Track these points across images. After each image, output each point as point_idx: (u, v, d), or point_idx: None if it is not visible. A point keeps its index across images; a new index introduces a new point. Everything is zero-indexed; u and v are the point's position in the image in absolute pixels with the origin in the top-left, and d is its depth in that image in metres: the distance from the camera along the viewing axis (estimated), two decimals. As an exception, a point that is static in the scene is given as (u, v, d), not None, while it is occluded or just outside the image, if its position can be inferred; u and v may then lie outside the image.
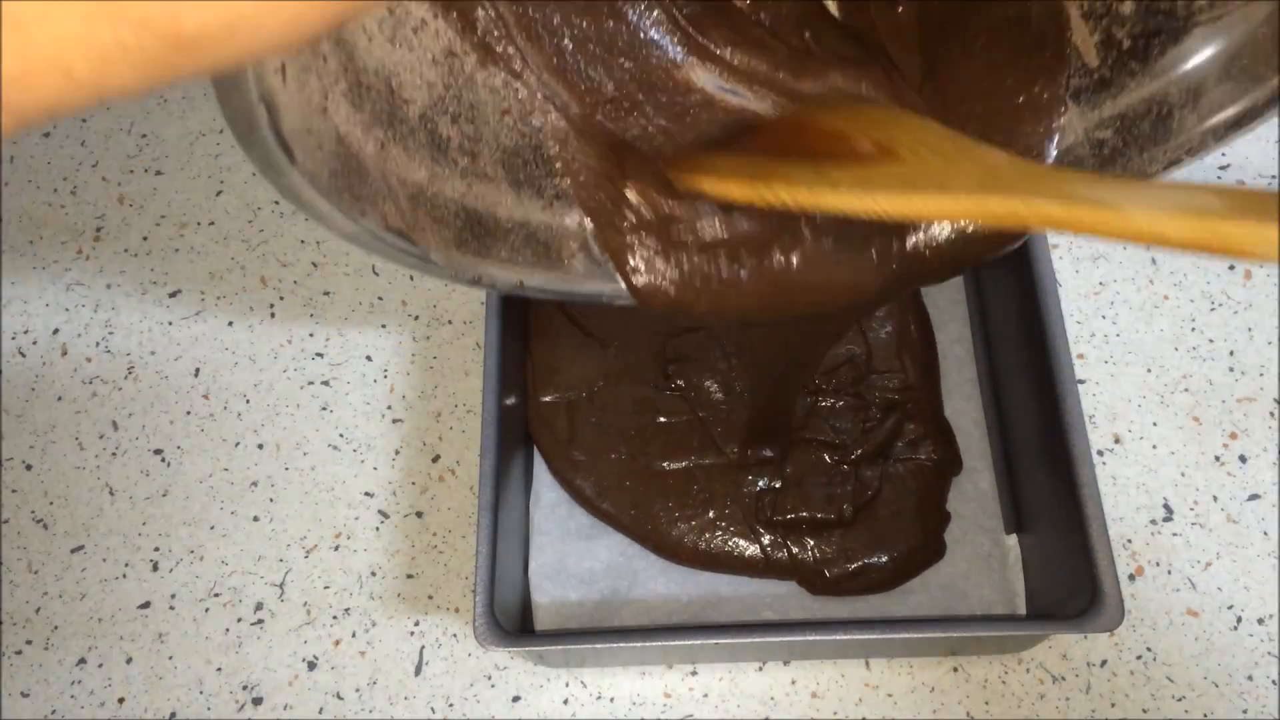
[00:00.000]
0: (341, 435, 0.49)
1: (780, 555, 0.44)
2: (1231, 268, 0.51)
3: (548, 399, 0.47)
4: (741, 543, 0.44)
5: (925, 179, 0.25)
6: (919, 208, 0.24)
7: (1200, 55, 0.29)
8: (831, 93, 0.33)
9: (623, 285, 0.32)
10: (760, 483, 0.45)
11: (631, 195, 0.32)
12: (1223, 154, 0.53)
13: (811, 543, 0.44)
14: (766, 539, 0.44)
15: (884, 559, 0.44)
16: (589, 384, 0.47)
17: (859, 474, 0.45)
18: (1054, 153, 0.31)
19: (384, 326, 0.51)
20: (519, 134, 0.31)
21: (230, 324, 0.52)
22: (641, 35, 0.32)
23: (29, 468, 0.49)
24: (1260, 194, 0.19)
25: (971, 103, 0.32)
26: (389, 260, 0.28)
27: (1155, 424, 0.48)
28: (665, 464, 0.46)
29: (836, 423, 0.47)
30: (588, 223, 0.31)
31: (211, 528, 0.47)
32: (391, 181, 0.28)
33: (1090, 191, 0.21)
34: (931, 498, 0.45)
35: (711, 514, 0.45)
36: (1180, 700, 0.42)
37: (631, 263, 0.31)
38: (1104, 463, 0.47)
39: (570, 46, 0.30)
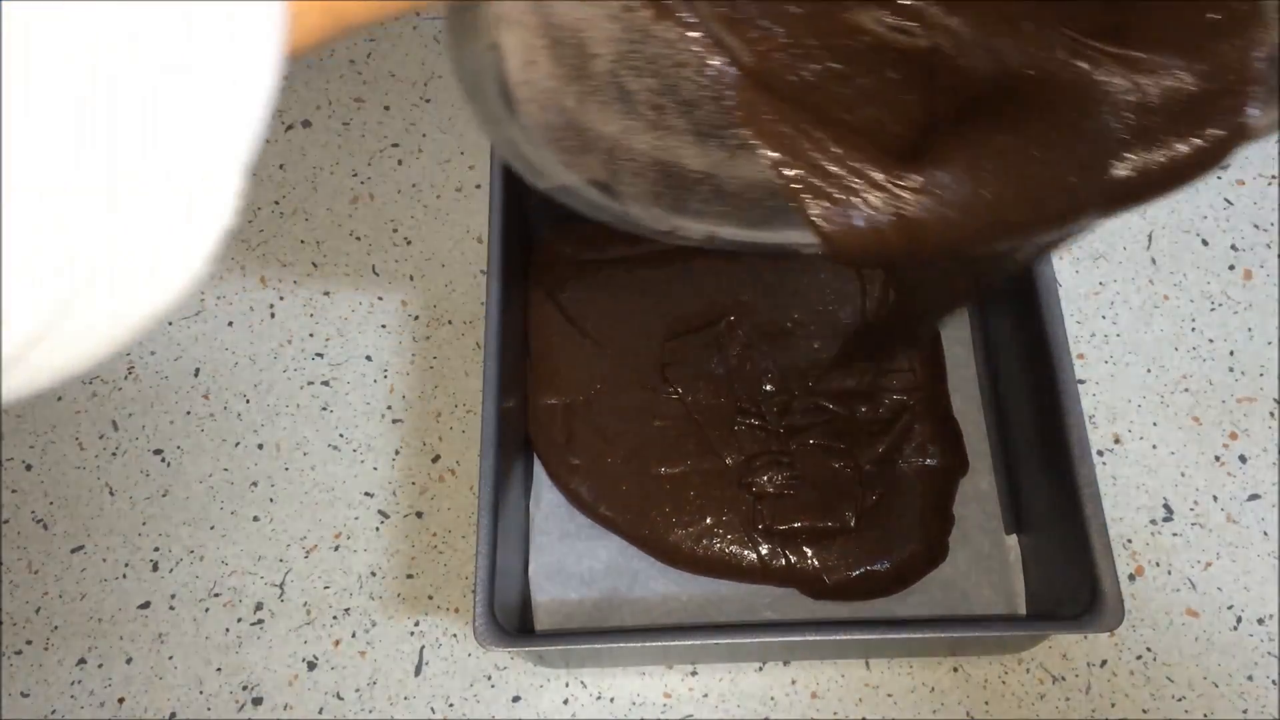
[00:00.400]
0: (341, 435, 0.49)
1: (778, 563, 0.44)
2: (1231, 268, 0.51)
3: (545, 402, 0.47)
4: (739, 550, 0.44)
5: None
6: None
7: None
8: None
9: (811, 234, 0.31)
10: (759, 488, 0.45)
11: (812, 141, 0.32)
12: (1223, 154, 0.54)
13: (810, 551, 0.44)
14: (764, 548, 0.44)
15: (886, 565, 0.43)
16: (586, 387, 0.47)
17: (863, 478, 0.45)
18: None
19: (384, 326, 0.51)
20: (696, 85, 0.31)
21: (230, 324, 0.52)
22: None
23: (29, 468, 0.49)
24: None
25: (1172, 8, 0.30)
26: (590, 214, 0.30)
27: (1155, 424, 0.48)
28: (662, 469, 0.45)
29: (841, 425, 0.46)
30: (771, 171, 0.32)
31: (211, 528, 0.47)
32: (590, 135, 0.29)
33: None
34: (937, 502, 0.45)
35: (709, 520, 0.44)
36: (1180, 700, 0.42)
37: (817, 210, 0.31)
38: (1104, 463, 0.47)
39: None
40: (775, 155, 0.31)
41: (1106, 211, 0.31)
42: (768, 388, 0.47)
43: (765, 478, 0.45)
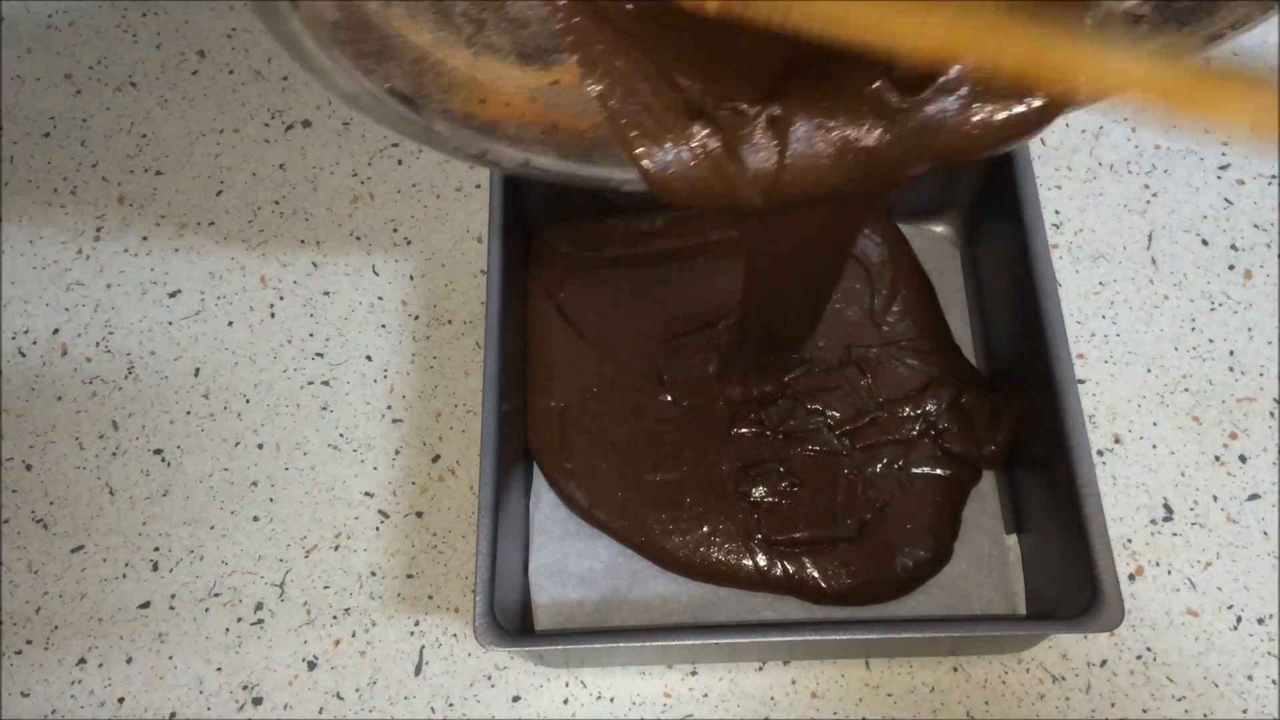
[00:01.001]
0: (341, 435, 0.49)
1: (776, 573, 0.43)
2: (1231, 268, 0.51)
3: (541, 405, 0.46)
4: (736, 560, 0.43)
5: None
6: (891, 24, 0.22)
7: None
8: None
9: (635, 172, 0.30)
10: (757, 497, 0.44)
11: (643, 77, 0.30)
12: (1222, 154, 0.54)
13: (810, 562, 0.43)
14: (762, 558, 0.43)
15: (890, 573, 0.43)
16: (582, 391, 0.47)
17: (868, 485, 0.44)
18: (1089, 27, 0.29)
19: (384, 326, 0.51)
20: (525, 5, 0.30)
21: (230, 324, 0.52)
22: None
23: (29, 468, 0.49)
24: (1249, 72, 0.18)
25: None
26: (391, 128, 0.28)
27: (1155, 424, 0.48)
28: (657, 475, 0.45)
29: (845, 431, 0.45)
30: (596, 100, 0.30)
31: (211, 528, 0.47)
32: (395, 43, 0.27)
33: (1066, 31, 0.20)
34: (948, 509, 0.44)
35: (705, 529, 0.44)
36: (1180, 700, 0.42)
37: (644, 147, 0.30)
38: (1104, 463, 0.47)
39: None
40: (603, 86, 0.30)
41: (925, 166, 0.30)
42: (767, 388, 0.46)
43: (762, 488, 0.44)
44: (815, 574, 0.43)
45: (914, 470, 0.45)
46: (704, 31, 0.31)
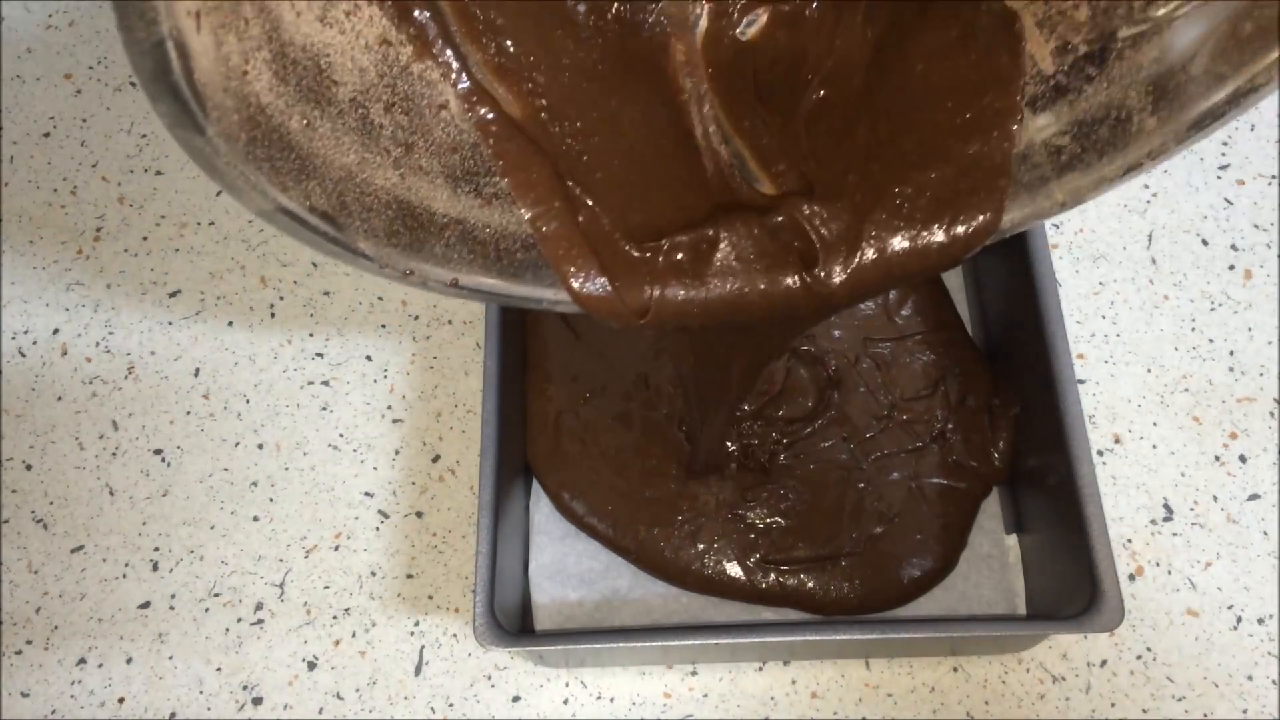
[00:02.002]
0: (341, 435, 0.49)
1: (775, 590, 0.43)
2: (1231, 268, 0.51)
3: (538, 409, 0.46)
4: (732, 577, 0.43)
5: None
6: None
7: (1161, 56, 0.29)
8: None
9: (564, 292, 0.31)
10: (753, 520, 0.44)
11: (574, 199, 0.31)
12: (1222, 154, 0.54)
13: (810, 578, 0.43)
14: (760, 577, 0.43)
15: (893, 586, 0.42)
16: (577, 395, 0.46)
17: (879, 494, 0.44)
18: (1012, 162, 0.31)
19: (384, 326, 0.51)
20: (456, 130, 0.30)
21: (230, 324, 0.52)
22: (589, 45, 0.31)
23: (29, 468, 0.49)
24: None
25: (921, 116, 0.31)
26: (313, 247, 0.27)
27: (1155, 424, 0.48)
28: (645, 491, 0.44)
29: (851, 446, 0.45)
30: (528, 224, 0.30)
31: (211, 528, 0.47)
32: (317, 162, 0.27)
33: None
34: (957, 521, 0.44)
35: (700, 546, 0.43)
36: (1180, 700, 0.42)
37: (573, 269, 0.31)
38: (1104, 463, 0.47)
39: (513, 48, 0.29)
40: (535, 211, 0.30)
41: (838, 306, 0.32)
42: (761, 425, 0.45)
43: (762, 510, 0.44)
44: (816, 589, 0.43)
45: (926, 482, 0.44)
46: (639, 157, 0.32)
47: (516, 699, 0.43)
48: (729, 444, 0.45)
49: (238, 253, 0.53)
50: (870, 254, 0.31)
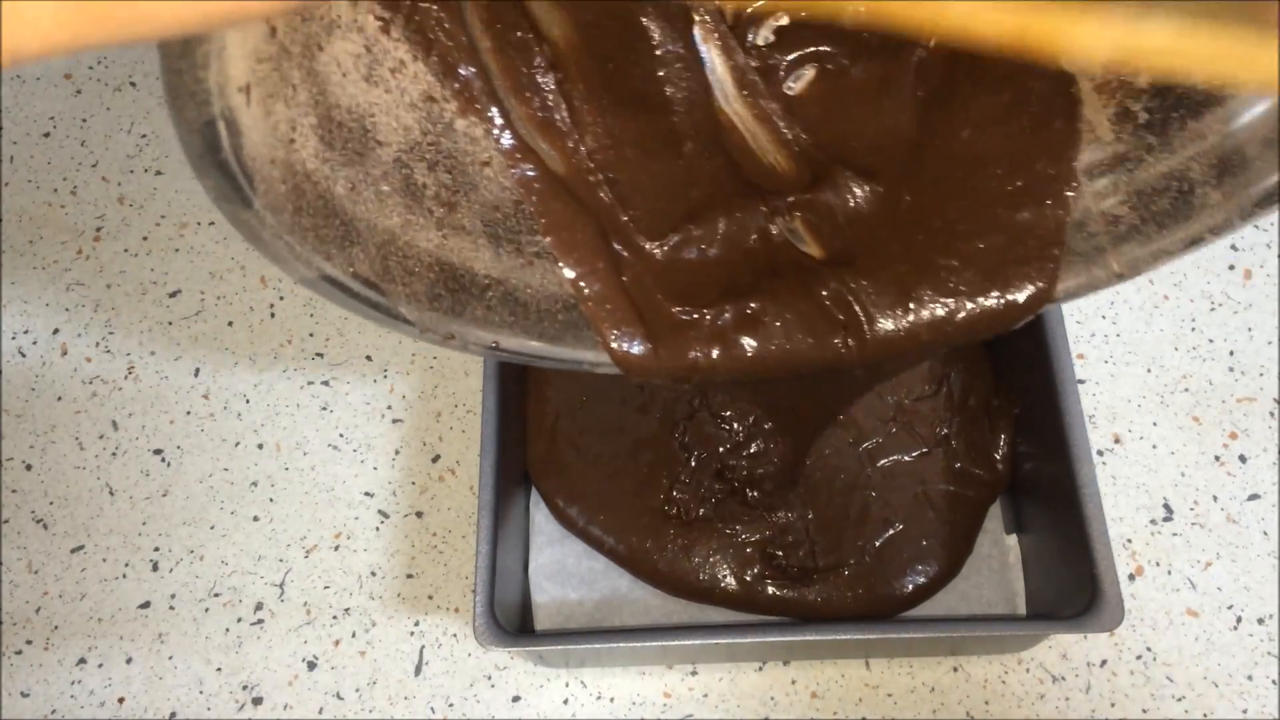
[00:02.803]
0: (341, 435, 0.49)
1: (774, 604, 0.42)
2: (1231, 268, 0.51)
3: (536, 412, 0.46)
4: (730, 590, 0.42)
5: None
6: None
7: (1224, 128, 0.28)
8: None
9: (605, 354, 0.30)
10: (748, 538, 0.43)
11: (618, 259, 0.30)
12: (1223, 154, 0.54)
13: (811, 591, 0.42)
14: (759, 590, 0.42)
15: (897, 596, 0.42)
16: (574, 398, 0.46)
17: (885, 502, 0.43)
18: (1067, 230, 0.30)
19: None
20: (499, 187, 0.29)
21: (230, 324, 0.52)
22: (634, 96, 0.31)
23: (29, 468, 0.49)
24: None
25: (969, 184, 0.30)
26: (354, 312, 0.27)
27: (1155, 424, 0.48)
28: (637, 501, 0.44)
29: (855, 455, 0.44)
30: (569, 285, 0.30)
31: (211, 528, 0.47)
32: (361, 226, 0.26)
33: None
34: (965, 527, 0.43)
35: (695, 561, 0.43)
36: (1180, 700, 0.42)
37: (615, 331, 0.30)
38: (1104, 463, 0.47)
39: (555, 103, 0.29)
40: (578, 271, 0.30)
41: (880, 358, 0.31)
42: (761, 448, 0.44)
43: (756, 525, 0.43)
44: (817, 600, 0.42)
45: (932, 488, 0.44)
46: (689, 212, 0.31)
47: (516, 699, 0.43)
48: (716, 484, 0.44)
49: (238, 253, 0.53)
50: (908, 326, 0.30)
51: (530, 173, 0.30)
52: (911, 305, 0.30)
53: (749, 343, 0.30)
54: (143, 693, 0.44)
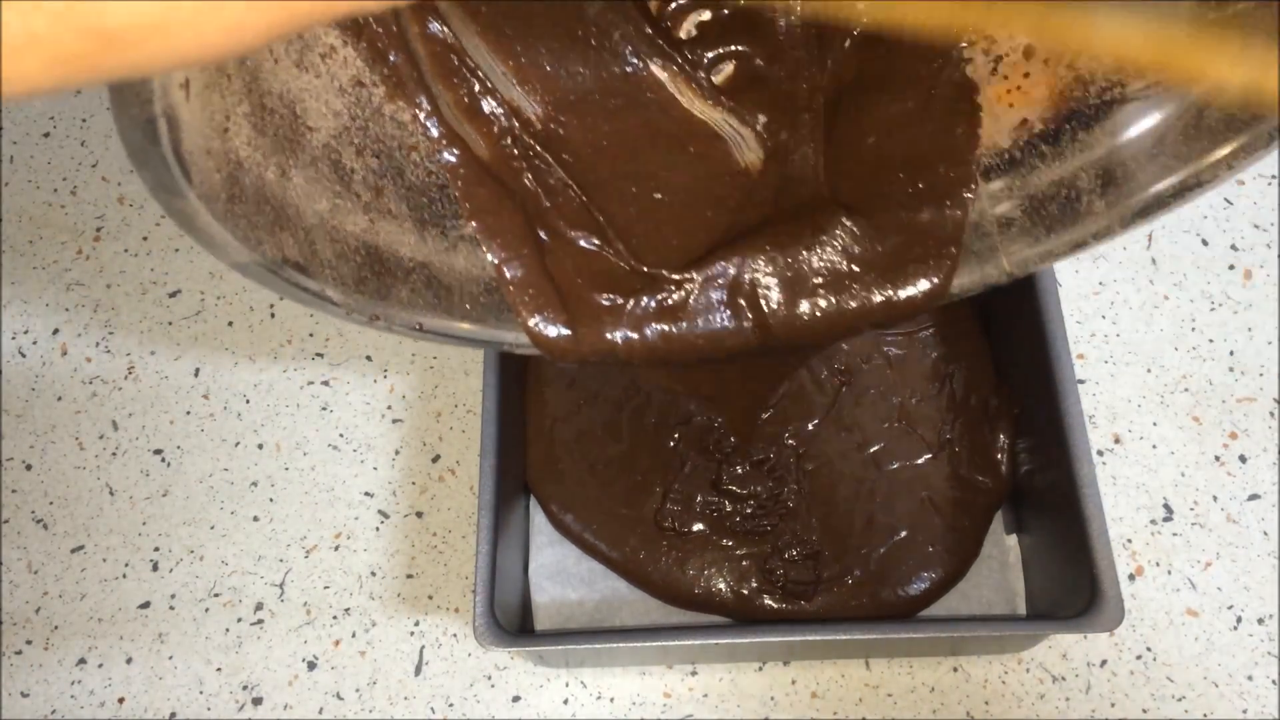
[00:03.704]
0: (341, 435, 0.49)
1: (773, 612, 0.42)
2: (1231, 268, 0.51)
3: (532, 419, 0.46)
4: (729, 600, 0.42)
5: None
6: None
7: (1111, 141, 0.29)
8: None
9: (525, 335, 0.31)
10: (746, 551, 0.43)
11: (542, 245, 0.31)
12: (1223, 154, 0.54)
13: (816, 601, 0.42)
14: (758, 602, 0.42)
15: (901, 602, 0.42)
16: (570, 405, 0.46)
17: (890, 508, 0.43)
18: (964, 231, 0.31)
19: (384, 326, 0.51)
20: (425, 172, 0.30)
21: (230, 324, 0.52)
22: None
23: (29, 468, 0.49)
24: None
25: (873, 188, 0.32)
26: (283, 295, 0.27)
27: (1155, 424, 0.48)
28: (630, 509, 0.43)
29: (859, 458, 0.44)
30: (492, 269, 0.31)
31: (211, 528, 0.47)
32: (291, 212, 0.27)
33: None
34: (971, 531, 0.43)
35: (691, 573, 0.43)
36: (1180, 700, 0.42)
37: (536, 314, 0.31)
38: (1104, 463, 0.47)
39: (481, 90, 0.30)
40: (502, 255, 0.31)
41: (772, 345, 0.32)
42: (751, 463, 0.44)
43: (755, 537, 0.43)
44: (819, 611, 0.42)
45: (937, 494, 0.43)
46: (611, 199, 0.32)
47: (516, 699, 0.43)
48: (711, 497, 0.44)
49: (238, 253, 0.53)
50: (809, 311, 0.32)
51: (456, 158, 0.30)
52: (814, 300, 0.32)
53: (666, 329, 0.32)
54: (143, 693, 0.44)
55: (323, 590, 0.46)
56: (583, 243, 0.32)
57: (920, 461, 0.44)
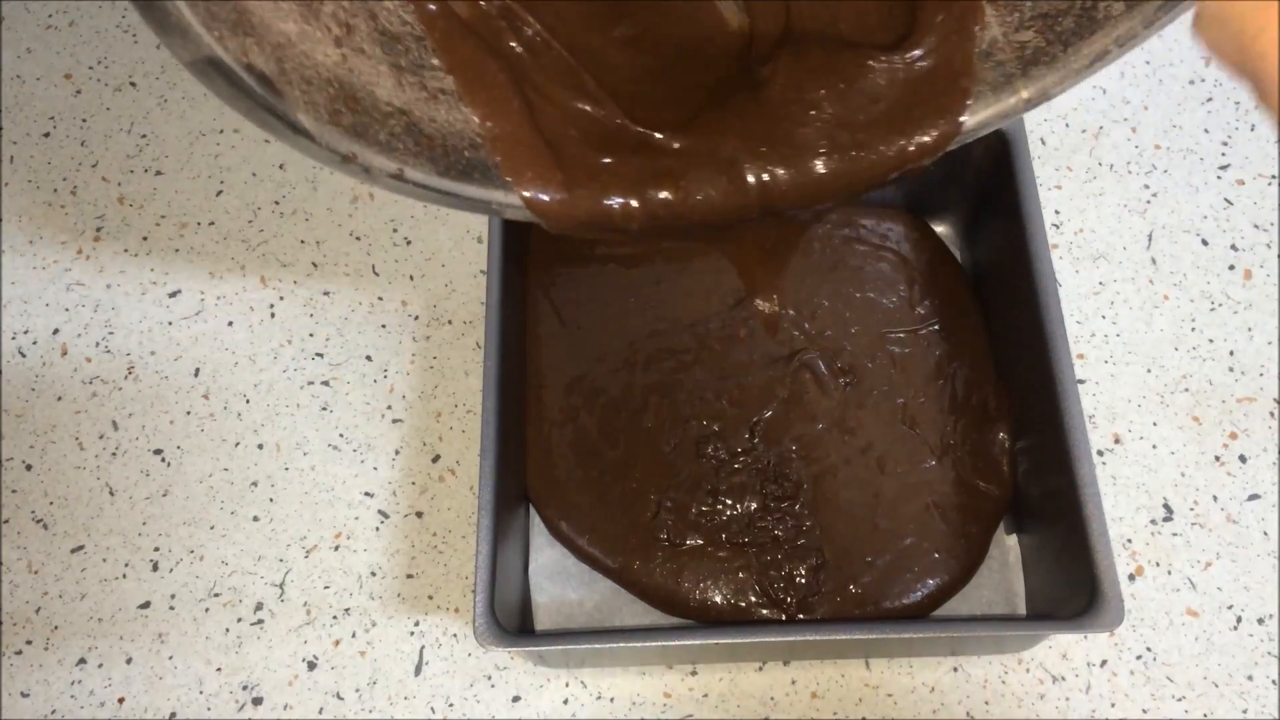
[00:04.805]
0: (341, 435, 0.49)
1: (777, 619, 0.42)
2: (1231, 268, 0.51)
3: (530, 422, 0.46)
4: (728, 607, 0.42)
5: None
6: None
7: None
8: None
9: (515, 196, 0.30)
10: (744, 562, 0.42)
11: (531, 102, 0.29)
12: (1222, 153, 0.54)
13: (819, 608, 0.41)
14: (759, 611, 0.42)
15: (905, 609, 0.42)
16: (568, 409, 0.46)
17: (894, 513, 0.43)
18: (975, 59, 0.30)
19: (384, 326, 0.51)
20: (400, 21, 0.28)
21: (230, 324, 0.52)
22: None
23: (29, 468, 0.49)
24: None
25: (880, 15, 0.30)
26: (249, 116, 0.26)
27: (1155, 424, 0.48)
28: (625, 517, 0.43)
29: (866, 457, 0.43)
30: (477, 124, 0.29)
31: (211, 528, 0.47)
32: (255, 20, 0.25)
33: None
34: (978, 534, 0.43)
35: (686, 584, 0.42)
36: (1180, 700, 0.42)
37: (528, 170, 0.29)
38: (1104, 463, 0.47)
39: None
40: (485, 110, 0.29)
41: (791, 205, 0.31)
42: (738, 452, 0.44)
43: (754, 549, 0.42)
44: (824, 614, 0.42)
45: (942, 500, 0.43)
46: (591, 56, 0.31)
47: (516, 699, 0.43)
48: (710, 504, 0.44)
49: (238, 253, 0.53)
50: (821, 167, 0.30)
51: (431, 9, 0.29)
52: (819, 155, 0.30)
53: (665, 195, 0.30)
54: (143, 693, 0.44)
55: (323, 590, 0.46)
56: (573, 104, 0.30)
57: (924, 465, 0.44)
